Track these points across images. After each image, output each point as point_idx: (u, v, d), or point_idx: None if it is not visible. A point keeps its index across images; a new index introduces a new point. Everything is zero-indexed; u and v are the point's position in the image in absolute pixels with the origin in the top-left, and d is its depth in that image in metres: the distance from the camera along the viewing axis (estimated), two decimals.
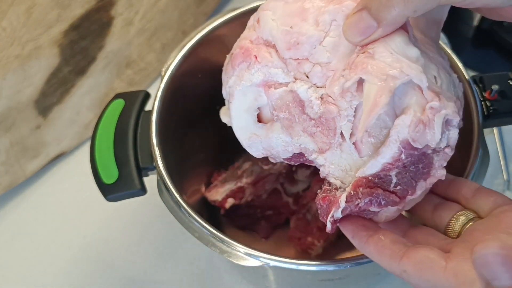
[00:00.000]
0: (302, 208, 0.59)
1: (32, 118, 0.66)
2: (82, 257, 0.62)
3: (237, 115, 0.39)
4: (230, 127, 0.42)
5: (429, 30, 0.39)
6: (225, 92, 0.40)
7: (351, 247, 0.60)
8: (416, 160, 0.34)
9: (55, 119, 0.67)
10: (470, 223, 0.35)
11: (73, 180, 0.67)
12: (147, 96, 0.52)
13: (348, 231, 0.36)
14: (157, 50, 0.74)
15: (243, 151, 0.59)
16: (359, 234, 0.35)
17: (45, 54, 0.65)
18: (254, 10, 0.55)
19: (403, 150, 0.34)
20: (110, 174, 0.47)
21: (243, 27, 0.56)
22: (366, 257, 0.41)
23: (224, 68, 0.41)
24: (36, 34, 0.64)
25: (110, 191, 0.47)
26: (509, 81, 0.48)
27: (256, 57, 0.37)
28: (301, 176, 0.59)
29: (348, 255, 0.58)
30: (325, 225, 0.57)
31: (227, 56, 0.41)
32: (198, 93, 0.57)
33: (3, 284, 0.61)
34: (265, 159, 0.56)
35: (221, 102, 0.61)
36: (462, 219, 0.35)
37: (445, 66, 0.38)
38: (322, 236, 0.57)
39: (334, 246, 0.59)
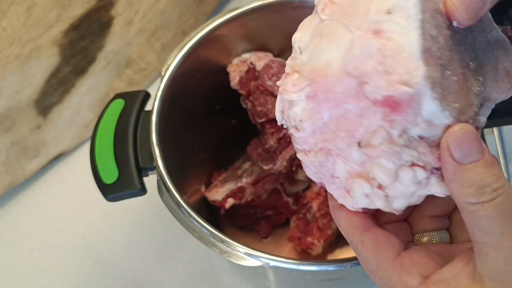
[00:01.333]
0: (302, 208, 0.59)
1: (32, 118, 0.66)
2: (82, 257, 0.62)
3: None
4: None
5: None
6: None
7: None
8: None
9: (55, 119, 0.67)
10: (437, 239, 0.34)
11: (73, 180, 0.67)
12: (147, 96, 0.52)
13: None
14: (157, 50, 0.74)
15: (243, 151, 0.60)
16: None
17: (45, 54, 0.65)
18: (254, 10, 0.55)
19: None
20: (110, 174, 0.47)
21: (243, 27, 0.56)
22: None
23: None
24: (36, 34, 0.64)
25: (110, 191, 0.47)
26: None
27: None
28: (301, 176, 0.59)
29: (348, 255, 0.58)
30: (325, 225, 0.57)
31: None
32: (198, 93, 0.57)
33: (3, 284, 0.61)
34: (265, 159, 0.56)
35: (221, 102, 0.61)
36: (425, 239, 0.35)
37: None
38: (322, 236, 0.57)
39: (334, 246, 0.59)
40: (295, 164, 0.56)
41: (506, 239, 0.27)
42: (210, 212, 0.60)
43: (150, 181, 0.48)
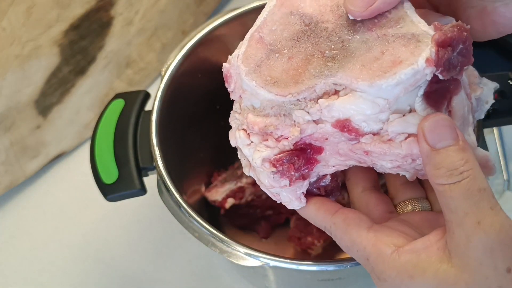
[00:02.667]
0: None
1: (32, 118, 0.66)
2: (81, 256, 0.62)
3: None
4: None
5: None
6: None
7: None
8: None
9: (55, 119, 0.67)
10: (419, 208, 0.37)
11: (73, 180, 0.67)
12: (147, 96, 0.52)
13: None
14: (157, 50, 0.74)
15: None
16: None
17: (45, 54, 0.65)
18: (254, 10, 0.55)
19: None
20: (110, 174, 0.47)
21: (243, 27, 0.56)
22: None
23: None
24: (36, 34, 0.64)
25: (110, 191, 0.47)
26: (509, 81, 0.48)
27: None
28: None
29: (348, 255, 0.58)
30: None
31: None
32: (198, 93, 0.57)
33: (3, 284, 0.61)
34: None
35: (221, 102, 0.61)
36: (409, 208, 0.37)
37: None
38: (322, 236, 0.57)
39: (334, 246, 0.59)
40: None
41: (468, 219, 0.29)
42: (210, 212, 0.60)
43: (150, 181, 0.48)
